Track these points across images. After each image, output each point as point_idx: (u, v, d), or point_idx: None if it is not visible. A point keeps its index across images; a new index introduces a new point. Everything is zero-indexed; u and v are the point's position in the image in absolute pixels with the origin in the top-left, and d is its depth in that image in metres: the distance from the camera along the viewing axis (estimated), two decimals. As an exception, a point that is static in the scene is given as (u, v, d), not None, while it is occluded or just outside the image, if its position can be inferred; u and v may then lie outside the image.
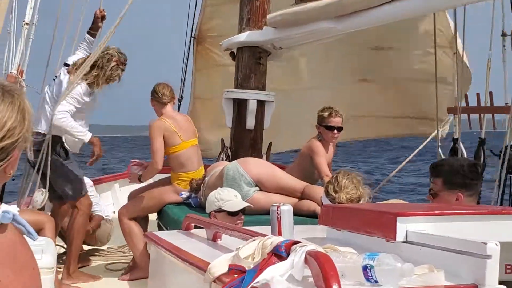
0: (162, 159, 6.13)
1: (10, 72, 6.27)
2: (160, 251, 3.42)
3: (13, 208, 1.64)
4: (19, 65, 6.25)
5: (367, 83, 9.50)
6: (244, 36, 7.01)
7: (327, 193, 4.04)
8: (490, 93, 7.31)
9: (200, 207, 5.85)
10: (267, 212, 5.27)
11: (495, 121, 7.34)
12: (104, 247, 7.17)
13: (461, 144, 7.31)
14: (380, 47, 9.19)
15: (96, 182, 8.08)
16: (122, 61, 6.30)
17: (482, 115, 7.41)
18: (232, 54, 7.22)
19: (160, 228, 6.11)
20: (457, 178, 4.00)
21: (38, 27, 6.47)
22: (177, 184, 6.20)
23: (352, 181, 4.08)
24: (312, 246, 2.13)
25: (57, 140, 6.09)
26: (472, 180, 4.01)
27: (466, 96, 7.59)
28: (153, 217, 7.10)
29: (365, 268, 2.04)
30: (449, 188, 4.00)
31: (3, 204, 1.65)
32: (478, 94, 7.40)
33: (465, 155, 7.05)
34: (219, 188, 5.14)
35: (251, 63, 7.03)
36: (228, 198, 4.85)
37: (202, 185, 6.06)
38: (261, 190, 5.63)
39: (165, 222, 5.94)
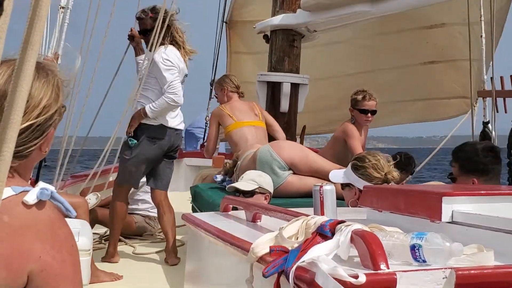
0: (213, 147, 6.33)
1: (46, 56, 6.31)
2: (199, 232, 3.41)
3: (51, 186, 1.65)
4: (55, 50, 6.28)
5: (414, 66, 9.47)
6: (278, 19, 6.99)
7: (369, 176, 3.99)
8: (511, 76, 7.18)
9: (234, 190, 5.86)
10: (301, 195, 5.32)
11: None
12: None
13: (490, 127, 7.22)
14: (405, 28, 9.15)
15: None
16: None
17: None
18: (265, 37, 7.20)
19: (194, 211, 6.12)
20: (471, 163, 4.01)
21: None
22: None
23: (387, 161, 4.08)
24: (357, 225, 2.10)
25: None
26: (487, 165, 3.98)
27: (502, 78, 7.47)
28: (186, 200, 7.14)
29: (413, 248, 2.01)
30: (464, 173, 4.02)
31: (41, 182, 1.66)
32: (502, 78, 7.25)
33: (496, 139, 6.97)
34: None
35: (285, 46, 7.01)
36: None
37: (235, 169, 6.06)
38: (294, 173, 5.60)
39: (200, 204, 5.94)
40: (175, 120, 6.04)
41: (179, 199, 8.86)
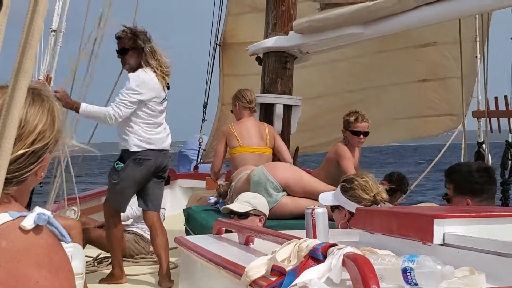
0: (218, 165, 6.37)
1: (38, 79, 6.31)
2: (192, 255, 3.40)
3: (47, 211, 1.65)
4: (48, 72, 6.28)
5: (389, 86, 9.56)
6: (271, 41, 7.03)
7: (358, 198, 3.99)
8: (505, 97, 7.25)
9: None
10: (295, 217, 5.32)
11: None
12: None
13: (485, 147, 7.28)
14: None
15: None
16: None
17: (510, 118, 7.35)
18: (258, 59, 7.24)
19: (187, 233, 6.10)
20: (466, 183, 4.02)
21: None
22: None
23: (375, 182, 4.09)
24: (349, 249, 2.11)
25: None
26: (483, 186, 3.98)
27: (486, 100, 7.54)
28: (179, 222, 7.12)
29: (404, 271, 2.02)
30: (459, 194, 4.02)
31: (37, 207, 1.66)
32: (506, 97, 7.34)
33: (490, 159, 7.01)
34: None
35: (278, 68, 7.04)
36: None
37: (228, 190, 6.06)
38: (288, 194, 5.60)
39: (193, 227, 5.93)
40: (161, 143, 6.03)
41: (173, 221, 8.84)
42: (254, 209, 4.91)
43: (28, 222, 1.57)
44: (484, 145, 7.41)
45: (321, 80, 9.46)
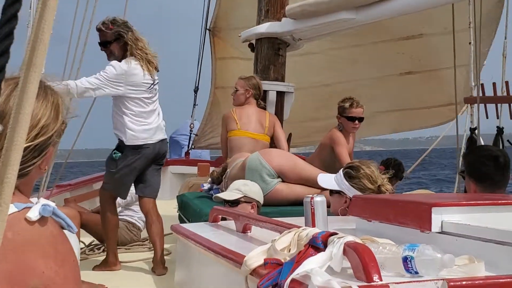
0: (224, 150, 6.55)
1: None
2: (188, 243, 3.41)
3: (52, 203, 1.66)
4: None
5: (387, 77, 9.55)
6: (263, 28, 7.01)
7: (362, 187, 3.99)
8: (506, 82, 7.28)
9: (222, 199, 5.87)
10: (290, 203, 5.35)
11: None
12: None
13: (477, 133, 7.30)
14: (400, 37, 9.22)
15: None
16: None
17: (499, 104, 7.39)
18: (251, 46, 7.22)
19: (181, 220, 6.11)
20: (472, 168, 4.05)
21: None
22: None
23: (378, 169, 4.10)
24: (350, 238, 2.12)
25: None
26: (487, 174, 3.98)
27: (482, 85, 7.55)
28: (171, 208, 7.13)
29: (405, 260, 2.03)
30: (468, 176, 4.04)
31: (42, 198, 1.67)
32: (494, 84, 7.36)
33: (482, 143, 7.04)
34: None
35: (270, 55, 7.03)
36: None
37: (224, 176, 6.07)
38: (283, 181, 5.62)
39: (187, 214, 5.94)
40: (155, 134, 6.00)
41: (165, 208, 8.84)
42: (244, 196, 4.93)
43: (34, 213, 1.59)
44: (476, 131, 7.43)
45: (299, 72, 9.43)
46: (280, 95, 6.97)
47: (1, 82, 1.01)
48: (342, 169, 4.23)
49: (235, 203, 4.89)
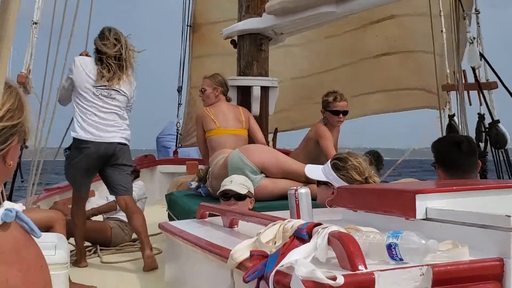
0: (204, 149, 6.50)
1: (21, 72, 6.28)
2: (177, 241, 3.41)
3: (18, 206, 1.61)
4: (28, 64, 6.24)
5: (366, 60, 9.57)
6: (244, 24, 7.01)
7: (350, 178, 3.99)
8: (463, 71, 7.27)
9: (210, 196, 5.87)
10: (275, 198, 5.36)
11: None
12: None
13: (456, 120, 7.32)
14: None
15: None
16: None
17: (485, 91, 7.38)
18: (233, 42, 7.21)
19: (170, 219, 6.11)
20: (438, 157, 4.07)
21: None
22: None
23: (365, 161, 4.10)
24: (334, 227, 2.13)
25: None
26: (452, 160, 3.99)
27: (464, 72, 7.54)
28: (161, 207, 7.11)
29: (389, 247, 2.04)
30: (437, 166, 4.06)
31: (6, 201, 1.63)
32: (464, 71, 7.33)
33: (463, 131, 7.05)
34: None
35: (253, 50, 7.02)
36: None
37: (207, 176, 6.07)
38: (267, 176, 5.62)
39: (176, 212, 5.94)
40: (99, 133, 6.02)
41: (154, 207, 8.84)
42: (249, 191, 5.07)
43: None
44: (455, 118, 7.45)
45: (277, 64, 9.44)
46: (265, 90, 6.97)
47: None
48: (330, 160, 4.22)
49: (243, 197, 4.95)
